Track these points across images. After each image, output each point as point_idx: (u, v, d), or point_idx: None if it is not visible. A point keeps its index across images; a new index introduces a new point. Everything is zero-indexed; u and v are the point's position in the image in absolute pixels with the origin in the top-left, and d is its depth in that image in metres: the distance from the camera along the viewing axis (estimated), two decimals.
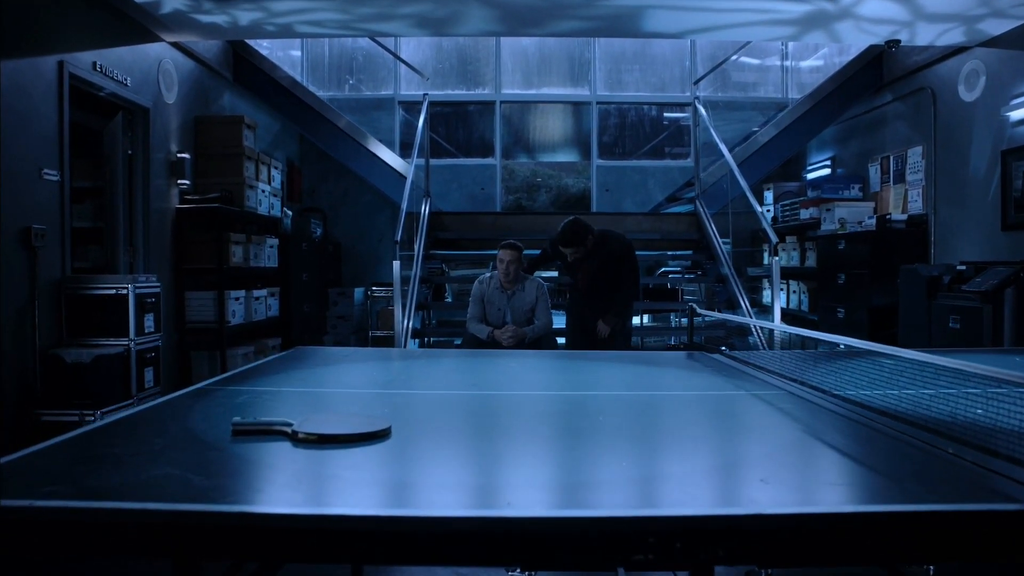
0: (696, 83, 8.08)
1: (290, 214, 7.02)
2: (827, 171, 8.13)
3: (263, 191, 6.25)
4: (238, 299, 5.70)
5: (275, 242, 6.55)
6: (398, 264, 5.18)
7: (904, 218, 6.37)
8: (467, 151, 8.66)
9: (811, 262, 7.42)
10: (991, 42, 5.59)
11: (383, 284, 7.62)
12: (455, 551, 0.98)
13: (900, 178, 6.76)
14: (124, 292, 4.38)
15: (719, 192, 7.30)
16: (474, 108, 8.66)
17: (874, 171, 7.18)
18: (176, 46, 5.61)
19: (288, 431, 1.46)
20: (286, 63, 7.66)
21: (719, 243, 6.73)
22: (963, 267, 5.03)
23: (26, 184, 3.98)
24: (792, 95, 8.48)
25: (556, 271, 5.57)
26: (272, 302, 6.40)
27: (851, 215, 6.79)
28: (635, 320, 6.43)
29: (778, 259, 5.49)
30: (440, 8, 5.19)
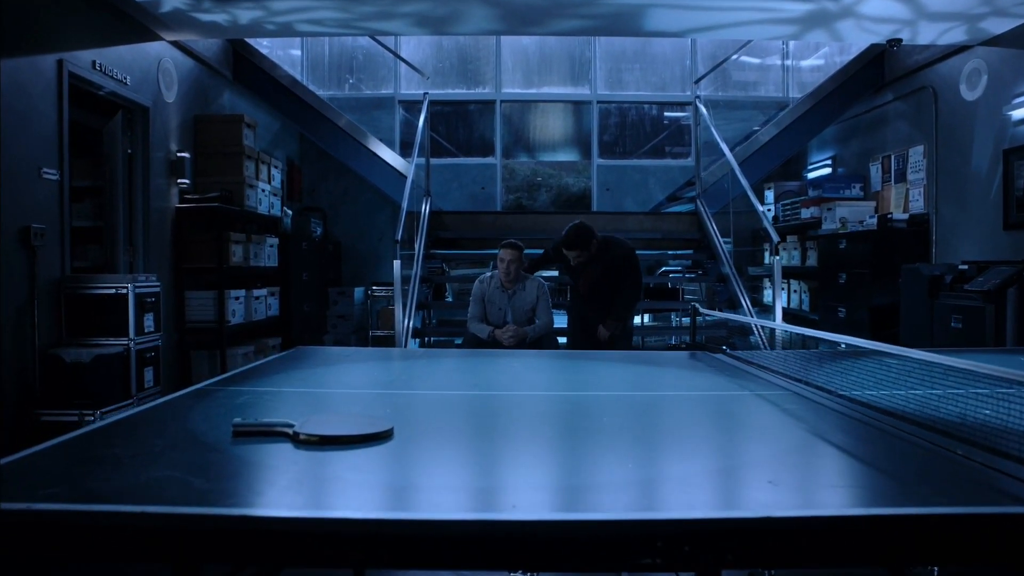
0: (697, 82, 8.06)
1: (290, 213, 7.01)
2: (828, 170, 8.12)
3: (263, 190, 6.24)
4: (238, 298, 5.69)
5: (275, 241, 6.54)
6: (398, 263, 5.16)
7: (905, 217, 6.35)
8: (467, 150, 8.64)
9: (812, 261, 7.41)
10: (993, 41, 5.57)
11: (383, 283, 7.60)
12: (460, 555, 0.96)
13: (901, 177, 6.74)
14: (124, 292, 4.36)
15: (720, 191, 7.29)
16: (474, 107, 8.64)
17: (875, 170, 7.17)
18: (176, 45, 5.59)
19: (289, 432, 1.44)
20: (286, 62, 7.64)
21: (720, 242, 6.71)
22: (965, 266, 5.01)
23: (25, 183, 3.96)
24: (793, 94, 8.46)
25: (556, 271, 5.55)
26: (272, 301, 6.39)
27: (852, 214, 6.77)
28: (636, 320, 6.41)
29: (779, 258, 5.47)
30: (440, 7, 5.18)
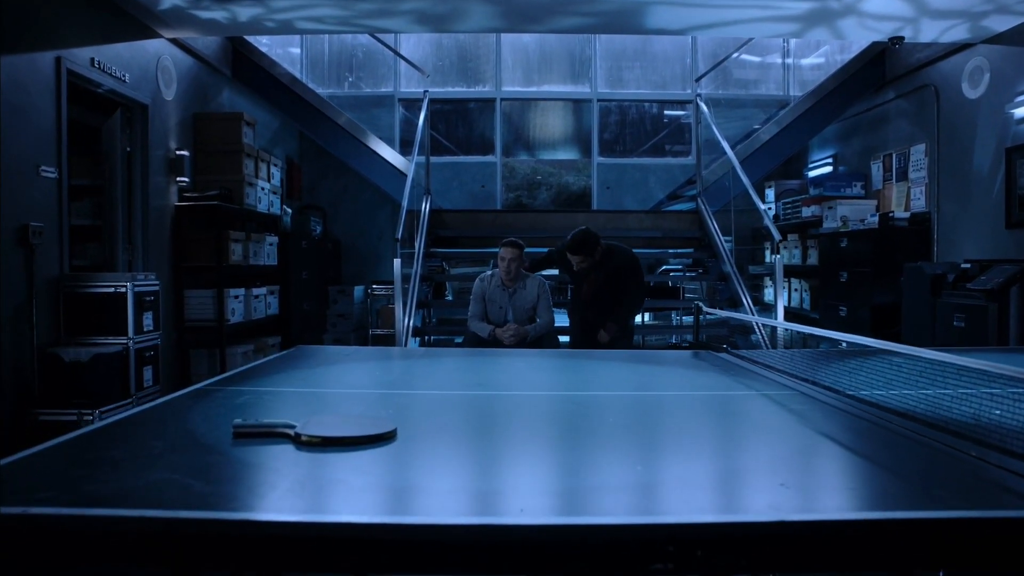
0: (698, 80, 8.04)
1: (289, 212, 6.99)
2: (829, 169, 8.09)
3: (262, 188, 6.21)
4: (237, 297, 5.66)
5: (275, 240, 6.51)
6: (399, 262, 5.14)
7: (907, 216, 6.32)
8: (467, 149, 8.61)
9: (813, 260, 7.38)
10: (995, 39, 5.55)
11: (383, 282, 7.58)
12: (467, 560, 0.94)
13: (903, 176, 6.71)
14: (123, 290, 4.34)
15: (720, 190, 7.27)
16: (474, 105, 8.61)
17: (876, 169, 7.14)
18: (175, 42, 5.56)
19: (291, 433, 1.42)
20: (285, 60, 7.61)
21: (721, 241, 6.69)
22: (967, 265, 4.99)
23: (24, 181, 3.94)
24: (794, 92, 8.44)
25: (557, 271, 5.53)
26: (272, 300, 6.37)
27: (853, 213, 6.75)
28: (636, 319, 6.38)
29: (780, 257, 5.45)
30: (441, 4, 5.15)
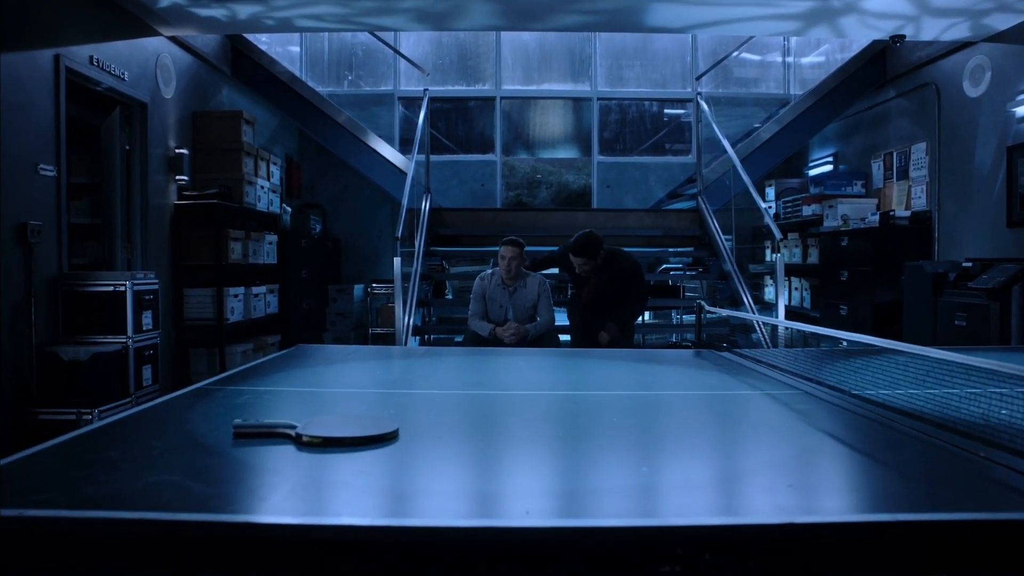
0: (699, 78, 8.02)
1: (289, 210, 6.97)
2: (829, 167, 8.08)
3: (262, 187, 6.19)
4: (237, 296, 5.65)
5: (274, 238, 6.49)
6: (399, 260, 5.12)
7: (907, 215, 6.31)
8: (467, 147, 8.59)
9: (813, 259, 7.37)
10: (997, 37, 5.53)
11: (383, 281, 7.56)
12: (471, 563, 0.92)
13: (903, 174, 6.70)
14: (122, 289, 4.32)
15: (721, 188, 7.25)
16: (474, 104, 8.59)
17: (877, 167, 7.13)
18: (174, 40, 5.54)
19: (292, 434, 1.40)
20: (285, 59, 7.59)
21: (722, 239, 6.67)
22: (969, 264, 4.98)
23: (22, 179, 3.92)
24: (794, 91, 8.42)
25: (557, 270, 5.51)
26: (271, 299, 6.35)
27: (854, 212, 6.73)
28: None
29: (781, 255, 5.44)
30: (441, 2, 5.13)
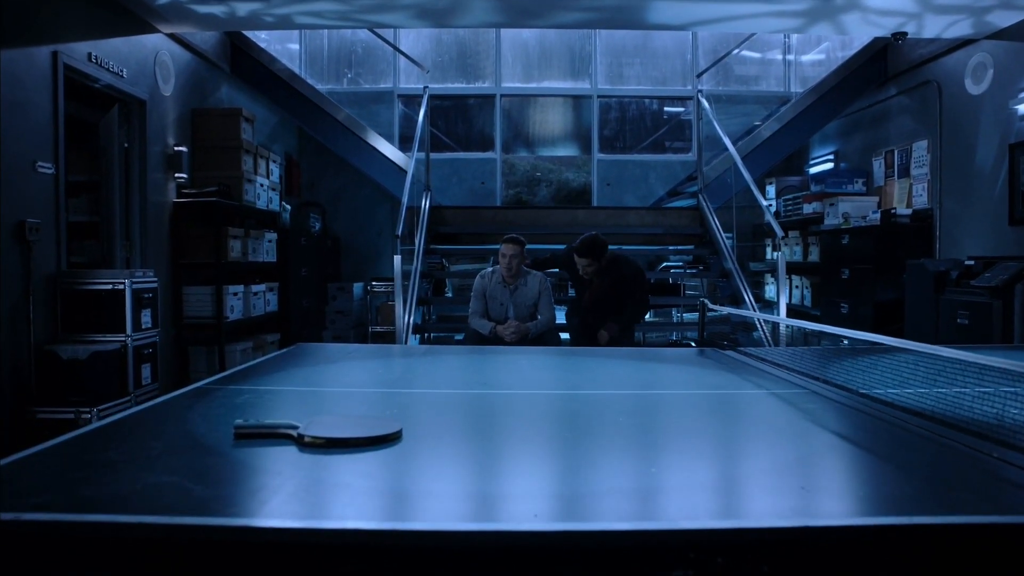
0: (699, 76, 7.99)
1: (288, 208, 6.94)
2: (830, 165, 8.06)
3: (261, 185, 6.17)
4: (236, 294, 5.62)
5: (273, 236, 6.47)
6: (399, 258, 5.09)
7: (909, 213, 6.29)
8: (467, 145, 8.56)
9: (814, 257, 7.35)
10: (999, 34, 5.51)
11: (383, 279, 7.54)
12: (478, 567, 0.90)
13: (905, 172, 6.68)
14: (121, 287, 4.30)
15: (721, 186, 7.23)
16: (474, 102, 8.57)
17: (878, 165, 7.11)
18: (173, 37, 5.51)
19: (293, 434, 1.38)
20: (284, 56, 7.56)
21: (723, 237, 6.65)
22: (971, 262, 4.96)
23: (20, 177, 3.89)
24: (795, 89, 8.39)
25: (557, 268, 5.49)
26: (271, 297, 6.32)
27: (855, 210, 6.71)
28: None
29: (782, 253, 5.42)
30: None
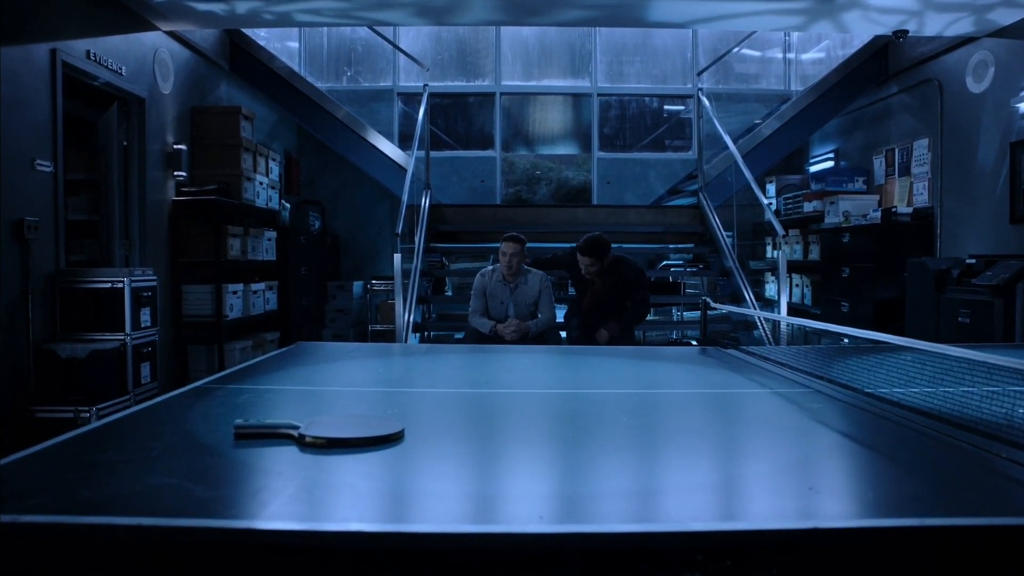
0: (699, 74, 7.97)
1: (288, 206, 6.93)
2: (831, 164, 8.04)
3: (261, 183, 6.15)
4: (236, 293, 5.61)
5: (273, 235, 6.45)
6: (399, 257, 5.08)
7: (909, 211, 6.28)
8: (466, 143, 8.55)
9: (814, 255, 7.34)
10: (1000, 32, 5.50)
11: (382, 277, 7.52)
12: (482, 569, 0.89)
13: (905, 171, 6.67)
14: (120, 286, 4.29)
15: (722, 184, 7.21)
16: (474, 100, 8.55)
17: (878, 164, 7.10)
18: (172, 35, 5.49)
19: (294, 435, 1.37)
20: (284, 54, 7.54)
21: (723, 236, 6.64)
22: (972, 260, 4.95)
23: (19, 175, 3.87)
24: (795, 87, 8.38)
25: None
26: (270, 296, 6.31)
27: (855, 208, 6.70)
28: None
29: (783, 252, 5.41)
30: None
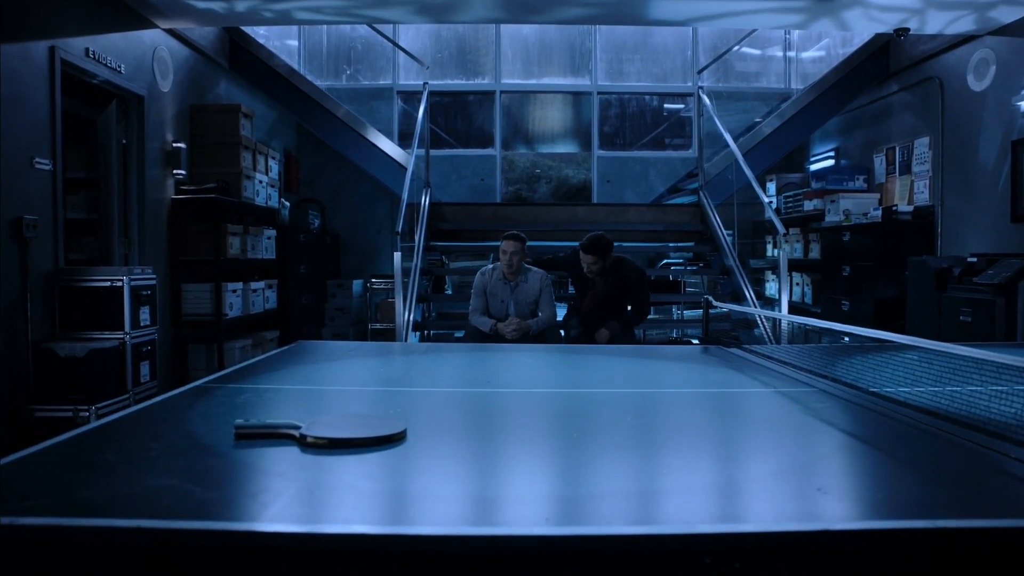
0: (700, 72, 7.96)
1: (288, 205, 6.91)
2: (831, 162, 8.03)
3: (260, 181, 6.13)
4: (235, 291, 5.59)
5: (273, 233, 6.44)
6: (399, 255, 5.06)
7: (910, 209, 6.27)
8: (466, 142, 8.53)
9: (815, 254, 7.33)
10: (1002, 30, 5.48)
11: (382, 276, 7.51)
12: (486, 572, 0.88)
13: (906, 169, 6.66)
14: (119, 284, 4.27)
15: (722, 183, 7.20)
16: (474, 98, 8.53)
17: (879, 162, 7.09)
18: (171, 33, 5.47)
19: (295, 435, 1.35)
20: (283, 52, 7.52)
21: (724, 234, 6.63)
22: (974, 259, 4.94)
23: (17, 173, 3.86)
24: (795, 85, 8.37)
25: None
26: (270, 294, 6.29)
27: (856, 206, 6.69)
28: None
29: (784, 250, 5.40)
30: None
